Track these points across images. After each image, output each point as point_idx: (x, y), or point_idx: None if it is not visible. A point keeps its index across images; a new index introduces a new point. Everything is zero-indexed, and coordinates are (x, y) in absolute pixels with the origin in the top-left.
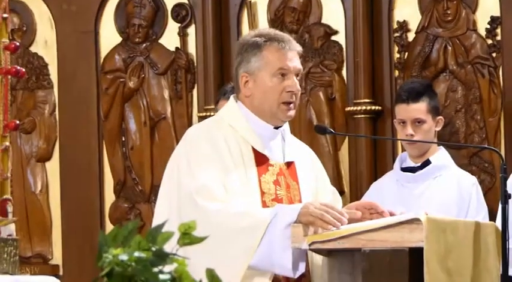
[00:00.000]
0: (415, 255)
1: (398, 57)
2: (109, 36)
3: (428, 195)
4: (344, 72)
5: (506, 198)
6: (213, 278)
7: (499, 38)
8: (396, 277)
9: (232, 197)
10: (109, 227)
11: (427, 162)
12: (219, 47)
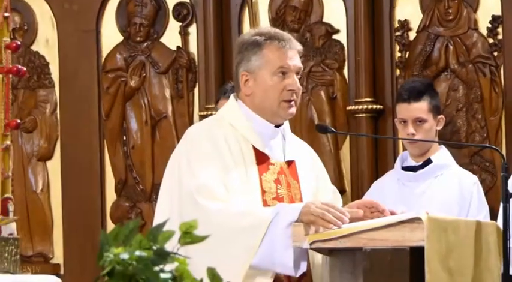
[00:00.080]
0: (416, 254)
1: (399, 56)
2: (110, 35)
3: (430, 195)
4: (345, 71)
5: (508, 197)
6: (214, 277)
7: (500, 37)
8: (397, 276)
9: (233, 195)
10: (110, 226)
11: (428, 162)
12: (220, 46)
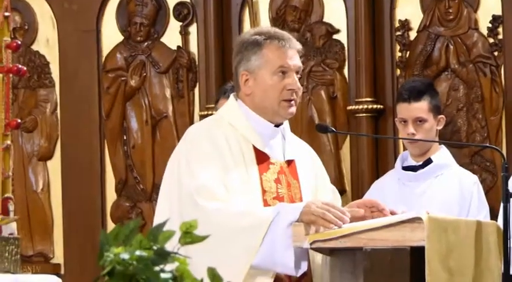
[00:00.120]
0: (417, 254)
1: (400, 56)
2: (111, 34)
3: (430, 194)
4: (346, 71)
5: (508, 197)
6: (215, 276)
7: (500, 36)
8: (397, 276)
9: (233, 195)
10: (110, 226)
11: (428, 161)
12: (220, 45)
